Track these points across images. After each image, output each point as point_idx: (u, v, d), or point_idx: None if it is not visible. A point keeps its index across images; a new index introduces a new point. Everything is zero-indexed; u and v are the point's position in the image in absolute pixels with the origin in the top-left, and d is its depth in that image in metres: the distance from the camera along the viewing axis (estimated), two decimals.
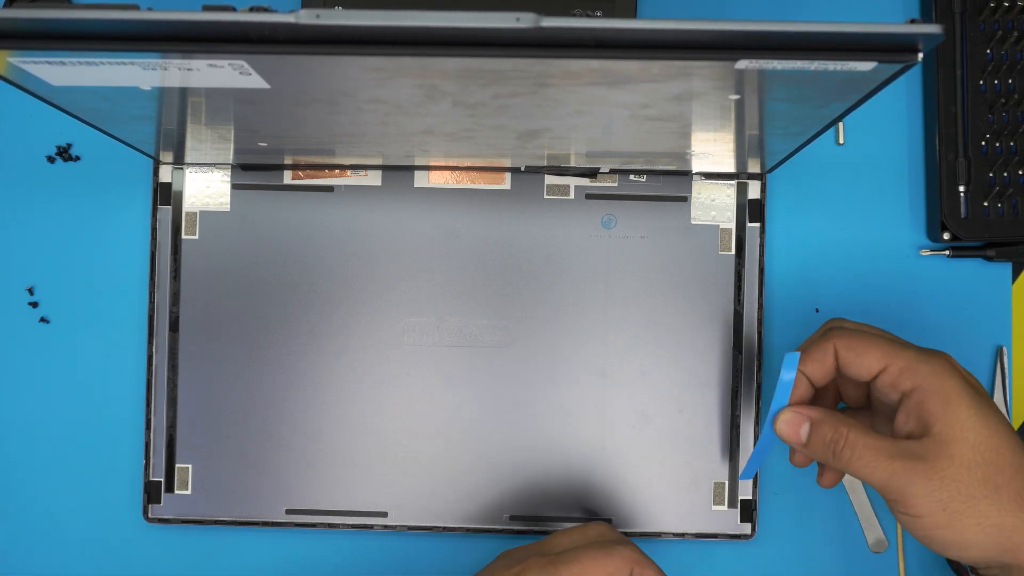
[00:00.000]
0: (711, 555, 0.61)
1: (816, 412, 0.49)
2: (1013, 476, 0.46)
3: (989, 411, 0.46)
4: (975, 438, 0.46)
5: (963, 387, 0.47)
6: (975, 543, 0.46)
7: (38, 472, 0.61)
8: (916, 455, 0.46)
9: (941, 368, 0.47)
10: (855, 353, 0.49)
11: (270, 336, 0.60)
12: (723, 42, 0.35)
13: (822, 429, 0.48)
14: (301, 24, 0.34)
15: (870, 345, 0.49)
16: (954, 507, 0.45)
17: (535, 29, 0.34)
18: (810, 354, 0.50)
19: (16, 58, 0.37)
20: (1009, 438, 0.46)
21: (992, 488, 0.45)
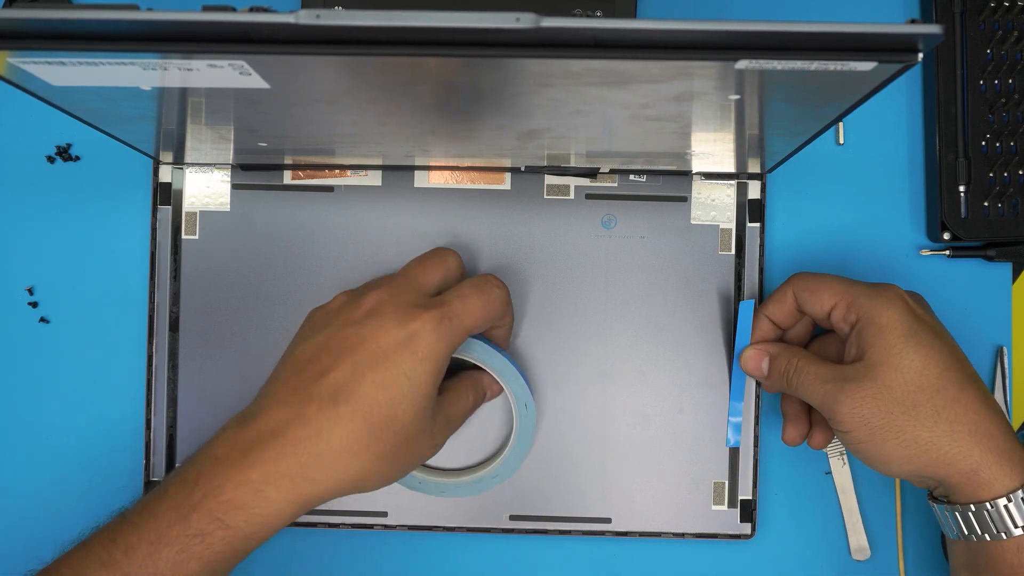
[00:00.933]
0: (711, 555, 0.61)
1: (773, 347, 0.56)
2: (933, 395, 0.50)
3: (922, 338, 0.51)
4: (899, 362, 0.50)
5: (900, 317, 0.51)
6: (894, 457, 0.51)
7: (38, 472, 0.61)
8: (845, 377, 0.51)
9: (882, 301, 0.52)
10: (809, 292, 0.54)
11: (270, 336, 0.60)
12: (723, 42, 0.35)
13: (778, 361, 0.55)
14: (301, 24, 0.34)
15: (823, 285, 0.54)
16: (874, 423, 0.50)
17: (535, 29, 0.34)
18: (772, 297, 0.57)
19: (16, 58, 0.37)
20: (938, 362, 0.50)
21: (910, 406, 0.50)
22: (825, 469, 0.62)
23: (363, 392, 0.47)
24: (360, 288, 0.52)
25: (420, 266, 0.53)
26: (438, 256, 0.54)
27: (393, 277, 0.52)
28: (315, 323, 0.52)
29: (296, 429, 0.47)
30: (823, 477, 0.61)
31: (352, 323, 0.49)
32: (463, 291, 0.51)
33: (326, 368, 0.48)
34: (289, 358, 0.50)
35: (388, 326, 0.48)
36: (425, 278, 0.52)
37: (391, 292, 0.50)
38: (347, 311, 0.50)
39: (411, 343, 0.48)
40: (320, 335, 0.50)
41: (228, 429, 0.48)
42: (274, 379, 0.50)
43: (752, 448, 0.60)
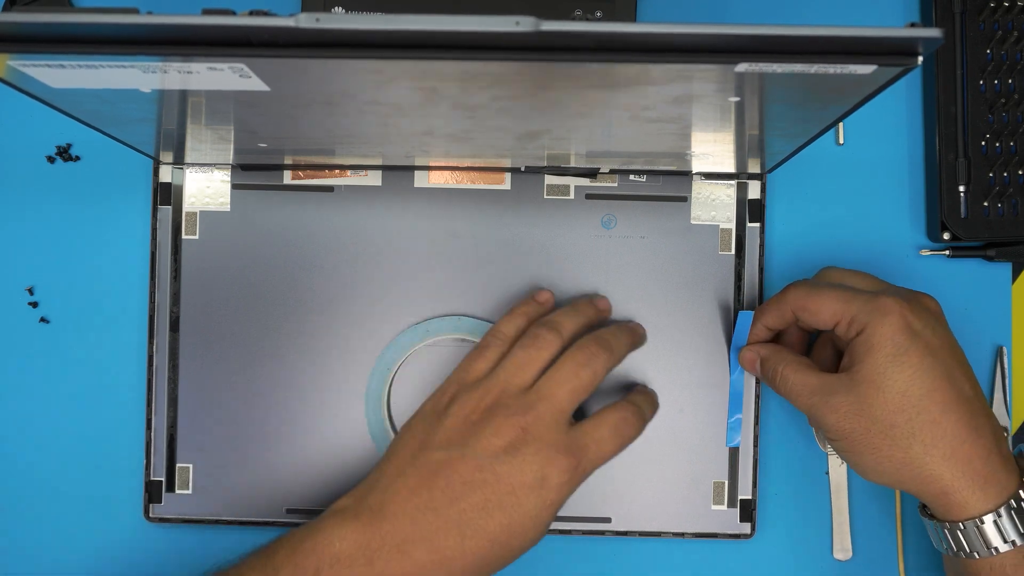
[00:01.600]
0: (711, 554, 0.62)
1: (765, 350, 0.57)
2: (911, 418, 0.50)
3: (910, 358, 0.51)
4: (883, 381, 0.51)
5: (892, 335, 0.51)
6: (872, 470, 0.52)
7: (39, 472, 0.61)
8: (830, 391, 0.52)
9: (878, 316, 0.51)
10: (809, 312, 0.54)
11: (270, 336, 0.60)
12: (723, 46, 0.35)
13: (767, 365, 0.56)
14: (301, 28, 0.34)
15: (822, 304, 0.54)
16: (854, 436, 0.51)
17: (535, 33, 0.34)
18: (769, 308, 0.57)
19: (16, 61, 0.37)
20: (923, 383, 0.50)
21: (888, 426, 0.51)
22: (824, 469, 0.62)
23: (489, 530, 0.49)
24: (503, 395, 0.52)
25: (569, 391, 0.52)
26: (587, 376, 0.53)
27: (537, 401, 0.51)
28: (450, 430, 0.52)
29: (422, 552, 0.49)
30: (823, 477, 0.62)
31: (490, 455, 0.50)
32: (602, 434, 0.52)
33: (457, 495, 0.49)
34: (419, 460, 0.51)
35: (525, 468, 0.50)
36: (570, 406, 0.52)
37: (537, 425, 0.51)
38: (487, 435, 0.50)
39: (543, 489, 0.50)
40: (454, 452, 0.50)
41: (348, 521, 0.50)
42: (398, 476, 0.51)
43: (752, 448, 0.60)
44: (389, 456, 0.52)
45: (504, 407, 0.51)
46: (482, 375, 0.54)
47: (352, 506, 0.50)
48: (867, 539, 0.61)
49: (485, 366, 0.54)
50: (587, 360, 0.53)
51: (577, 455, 0.51)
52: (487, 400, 0.52)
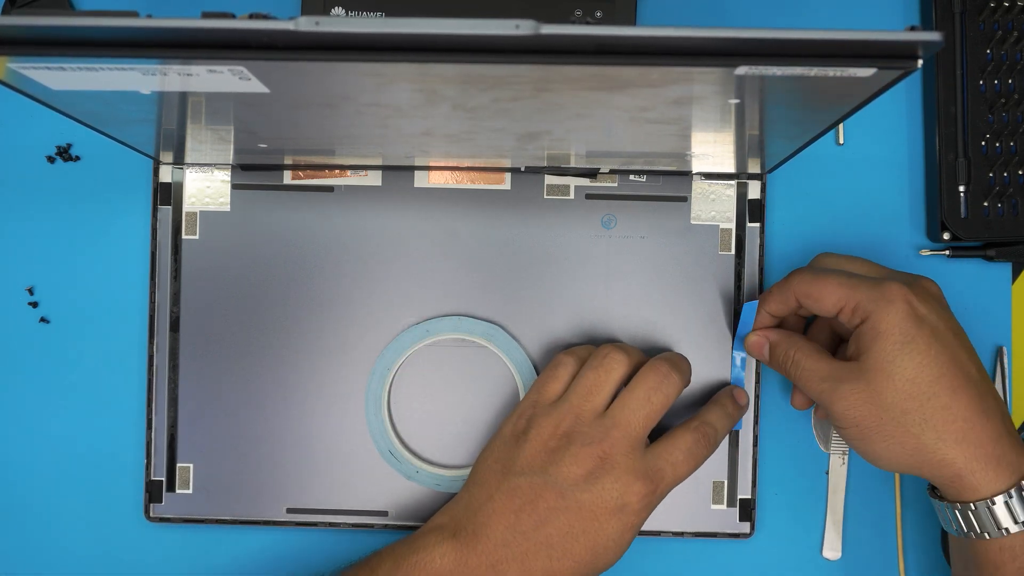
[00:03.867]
0: (710, 554, 0.62)
1: (774, 335, 0.57)
2: (923, 403, 0.51)
3: (918, 344, 0.51)
4: (892, 369, 0.51)
5: (899, 322, 0.51)
6: (883, 456, 0.52)
7: (39, 472, 0.61)
8: (841, 378, 0.52)
9: (884, 303, 0.52)
10: (813, 299, 0.54)
11: (270, 336, 0.60)
12: (723, 49, 0.35)
13: (777, 350, 0.57)
14: (300, 31, 0.34)
15: (825, 291, 0.54)
16: (865, 424, 0.52)
17: (534, 37, 0.34)
18: (772, 295, 0.57)
19: (16, 64, 0.37)
20: (932, 369, 0.51)
21: (900, 412, 0.51)
22: (824, 468, 0.62)
23: (575, 553, 0.52)
24: (558, 420, 0.54)
25: (643, 416, 0.53)
26: (660, 400, 0.54)
27: (613, 428, 0.53)
28: (532, 455, 0.53)
29: (515, 571, 0.52)
30: (822, 476, 0.62)
31: (571, 484, 0.52)
32: (677, 458, 0.54)
33: (542, 520, 0.52)
34: (504, 485, 0.53)
35: (605, 496, 0.52)
36: (644, 431, 0.54)
37: (614, 452, 0.52)
38: (567, 463, 0.52)
39: (623, 514, 0.52)
40: (537, 479, 0.53)
41: (447, 540, 0.53)
42: (488, 500, 0.53)
43: (751, 447, 0.60)
44: (477, 479, 0.55)
45: (581, 435, 0.53)
46: (556, 397, 0.55)
47: (449, 525, 0.53)
48: (866, 539, 0.61)
49: (559, 387, 0.56)
50: (659, 384, 0.54)
51: (654, 480, 0.53)
52: (563, 427, 0.54)
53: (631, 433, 0.53)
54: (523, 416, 0.55)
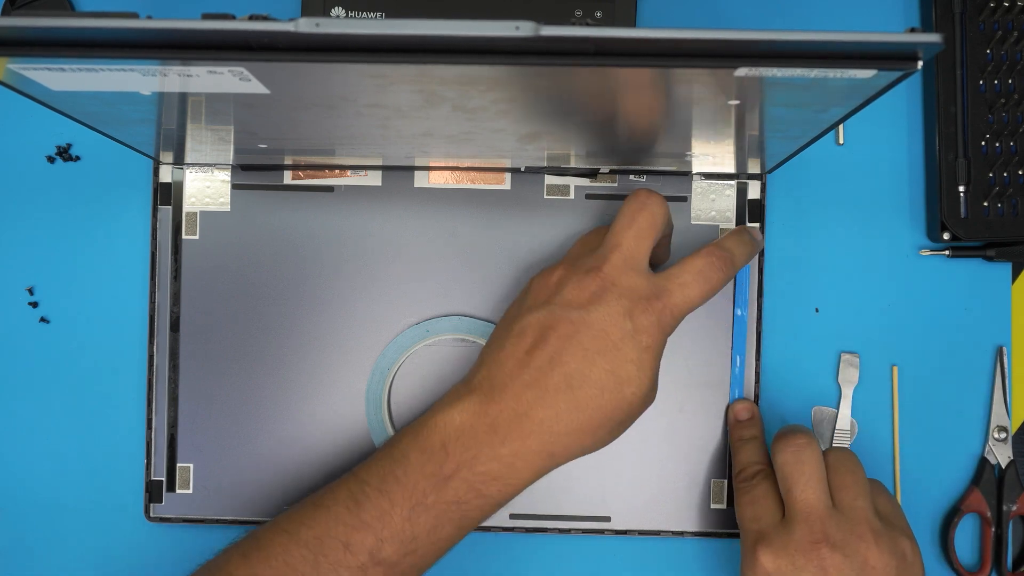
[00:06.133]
0: (710, 554, 0.62)
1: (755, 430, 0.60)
2: None
3: None
4: None
5: None
6: None
7: (39, 472, 0.62)
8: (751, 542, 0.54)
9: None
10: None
11: (270, 336, 0.61)
12: (722, 50, 0.35)
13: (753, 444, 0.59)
14: (301, 32, 0.34)
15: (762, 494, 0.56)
16: None
17: (534, 38, 0.34)
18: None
19: (16, 64, 0.37)
20: None
21: None
22: None
23: (595, 378, 0.50)
24: (576, 261, 0.53)
25: (632, 235, 0.52)
26: (648, 218, 0.52)
27: (608, 252, 0.51)
28: (537, 295, 0.52)
29: (539, 411, 0.49)
30: None
31: (577, 307, 0.50)
32: (685, 279, 0.51)
33: (556, 351, 0.50)
34: (513, 329, 0.52)
35: (614, 315, 0.50)
36: (641, 250, 0.52)
37: (613, 272, 0.51)
38: (569, 290, 0.51)
39: (636, 335, 0.50)
40: (543, 312, 0.51)
41: (464, 397, 0.51)
42: (499, 349, 0.52)
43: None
44: (489, 339, 0.54)
45: (580, 265, 0.52)
46: None
47: (464, 385, 0.52)
48: None
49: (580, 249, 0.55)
50: (640, 205, 0.52)
51: (661, 298, 0.50)
52: (560, 267, 0.53)
53: (625, 253, 0.51)
54: (525, 292, 0.55)
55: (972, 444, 0.62)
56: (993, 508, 0.61)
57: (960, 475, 0.62)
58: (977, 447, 0.61)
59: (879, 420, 0.62)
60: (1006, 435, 0.61)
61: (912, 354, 0.62)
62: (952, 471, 0.62)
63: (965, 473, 0.62)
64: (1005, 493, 0.61)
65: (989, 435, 0.61)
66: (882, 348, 0.62)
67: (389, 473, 0.50)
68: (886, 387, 0.61)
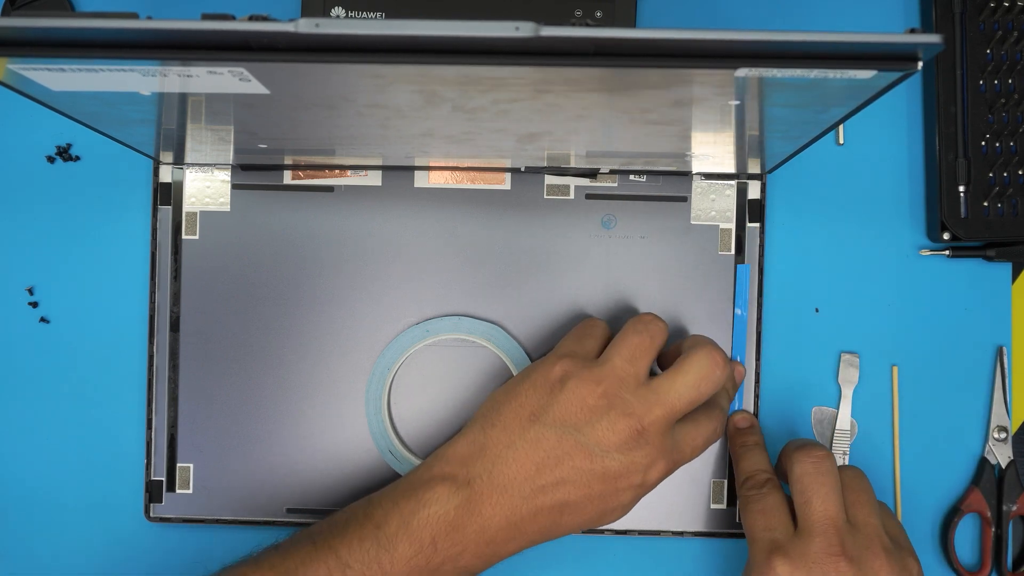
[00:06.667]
0: (710, 554, 0.62)
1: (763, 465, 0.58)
2: None
3: None
4: None
5: None
6: None
7: (39, 472, 0.61)
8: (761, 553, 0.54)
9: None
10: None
11: (270, 336, 0.60)
12: (723, 51, 0.35)
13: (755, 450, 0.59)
14: (300, 33, 0.34)
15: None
16: None
17: (534, 39, 0.34)
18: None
19: (16, 65, 0.37)
20: None
21: None
22: None
23: (586, 512, 0.52)
24: (619, 387, 0.52)
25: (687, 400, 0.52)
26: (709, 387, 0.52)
27: (657, 406, 0.51)
28: (567, 408, 0.52)
29: (528, 525, 0.51)
30: None
31: (602, 449, 0.51)
32: (698, 443, 0.55)
33: (565, 478, 0.51)
34: (529, 433, 0.52)
35: (633, 468, 0.51)
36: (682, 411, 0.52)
37: (651, 431, 0.51)
38: (603, 428, 0.51)
39: (643, 487, 0.53)
40: (568, 436, 0.51)
41: (461, 489, 0.51)
42: (509, 446, 0.52)
43: None
44: (496, 421, 0.53)
45: (622, 402, 0.51)
46: (594, 354, 0.54)
47: (462, 474, 0.52)
48: None
49: (595, 345, 0.55)
50: (711, 372, 0.52)
51: (676, 459, 0.53)
52: (604, 386, 0.51)
53: (672, 414, 0.51)
54: (557, 365, 0.53)
55: (972, 444, 0.62)
56: (993, 508, 0.61)
57: (960, 475, 0.62)
58: (977, 447, 0.62)
59: (879, 420, 0.62)
60: (1006, 435, 0.61)
61: (912, 354, 0.62)
62: (952, 471, 0.62)
63: (965, 473, 0.62)
64: (1005, 493, 0.61)
65: (989, 435, 0.61)
66: (882, 348, 0.62)
67: (375, 560, 0.50)
68: (886, 387, 0.61)
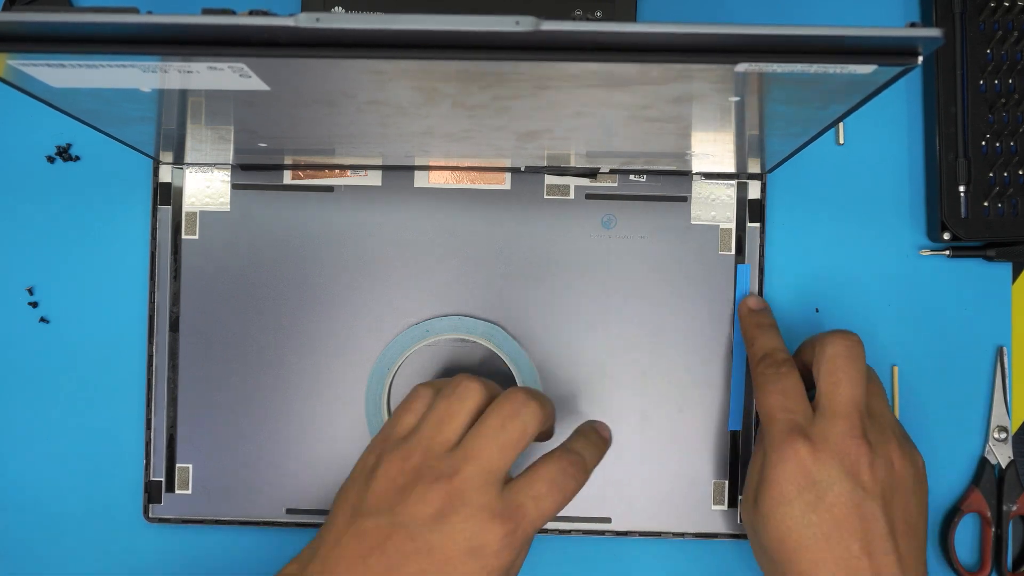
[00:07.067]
0: (711, 554, 0.62)
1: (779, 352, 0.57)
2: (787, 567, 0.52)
3: (792, 510, 0.52)
4: (767, 521, 0.53)
5: (788, 479, 0.52)
6: None
7: (38, 472, 0.61)
8: (770, 436, 0.54)
9: (776, 455, 0.53)
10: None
11: (270, 336, 0.60)
12: (723, 46, 0.35)
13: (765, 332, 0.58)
14: (301, 28, 0.34)
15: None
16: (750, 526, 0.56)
17: (534, 33, 0.34)
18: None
19: (16, 60, 0.37)
20: (799, 538, 0.52)
21: (768, 559, 0.54)
22: None
23: None
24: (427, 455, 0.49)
25: (497, 447, 0.49)
26: (516, 428, 0.49)
27: (465, 461, 0.48)
28: (378, 494, 0.49)
29: None
30: None
31: (421, 523, 0.47)
32: (539, 490, 0.49)
33: (394, 565, 0.47)
34: (352, 529, 0.49)
35: (457, 537, 0.47)
36: (502, 463, 0.49)
37: (464, 489, 0.48)
38: (414, 501, 0.48)
39: (481, 557, 0.47)
40: (384, 520, 0.48)
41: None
42: (336, 544, 0.49)
43: (752, 448, 0.60)
44: (328, 522, 0.51)
45: (429, 470, 0.48)
46: (408, 431, 0.51)
47: (299, 567, 0.50)
48: None
49: (412, 420, 0.51)
50: (515, 411, 0.49)
51: (514, 518, 0.48)
52: (412, 461, 0.49)
53: (484, 466, 0.48)
54: (372, 452, 0.51)
55: (972, 444, 0.62)
56: (993, 508, 0.61)
57: (960, 475, 0.62)
58: (977, 447, 0.61)
59: None
60: (1006, 435, 0.61)
61: (912, 354, 0.62)
62: (952, 471, 0.62)
63: (965, 473, 0.62)
64: (1005, 493, 0.61)
65: (989, 435, 0.61)
66: (882, 348, 0.62)
67: None
68: (886, 387, 0.61)
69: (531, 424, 0.49)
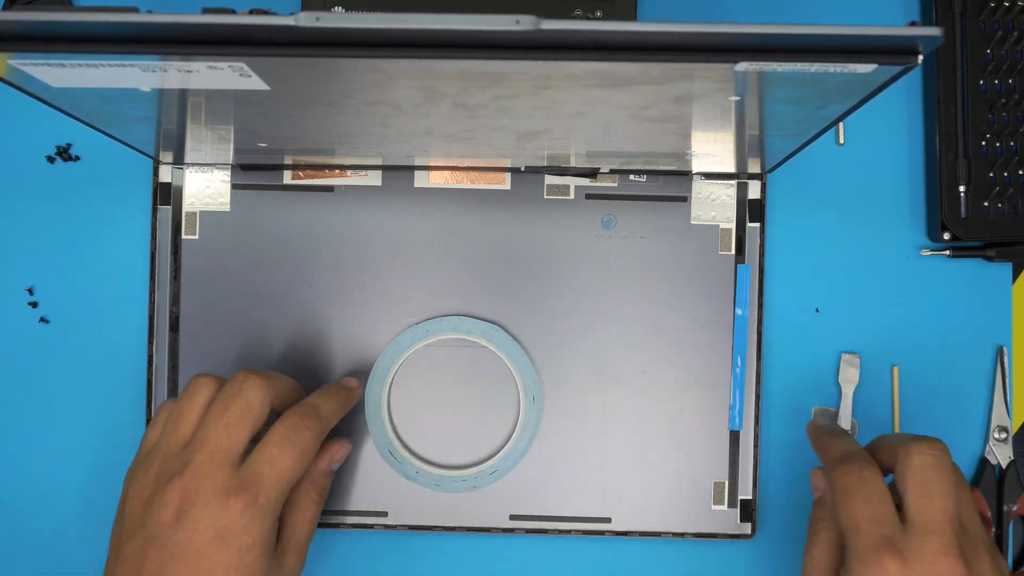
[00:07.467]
0: (711, 555, 0.61)
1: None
2: None
3: None
4: None
5: None
6: None
7: (38, 472, 0.61)
8: None
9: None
10: None
11: (270, 336, 0.60)
12: (723, 45, 0.35)
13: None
14: (301, 27, 0.34)
15: None
16: None
17: (535, 32, 0.34)
18: None
19: (16, 60, 0.37)
20: None
21: None
22: None
23: None
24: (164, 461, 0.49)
25: (222, 427, 0.49)
26: (239, 405, 0.49)
27: (194, 453, 0.48)
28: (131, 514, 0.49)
29: None
30: None
31: (165, 528, 0.47)
32: (271, 452, 0.49)
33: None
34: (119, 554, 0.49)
35: (202, 531, 0.47)
36: (230, 443, 0.49)
37: (195, 479, 0.48)
38: (156, 508, 0.48)
39: (227, 539, 0.47)
40: (137, 540, 0.48)
41: None
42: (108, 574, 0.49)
43: (752, 448, 0.60)
44: (108, 549, 0.51)
45: (164, 473, 0.49)
46: (152, 445, 0.52)
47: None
48: None
49: (155, 433, 0.52)
50: (235, 391, 0.50)
51: (251, 488, 0.48)
52: (152, 471, 0.49)
53: (212, 450, 0.48)
54: (126, 479, 0.52)
55: (972, 444, 0.62)
56: (993, 508, 0.60)
57: None
58: (977, 447, 0.61)
59: (879, 420, 0.61)
60: (1006, 435, 0.61)
61: (912, 354, 0.62)
62: None
63: (965, 473, 0.62)
64: (1005, 493, 0.60)
65: (989, 435, 0.61)
66: (882, 348, 0.62)
67: None
68: (886, 387, 0.61)
69: (255, 398, 0.49)
